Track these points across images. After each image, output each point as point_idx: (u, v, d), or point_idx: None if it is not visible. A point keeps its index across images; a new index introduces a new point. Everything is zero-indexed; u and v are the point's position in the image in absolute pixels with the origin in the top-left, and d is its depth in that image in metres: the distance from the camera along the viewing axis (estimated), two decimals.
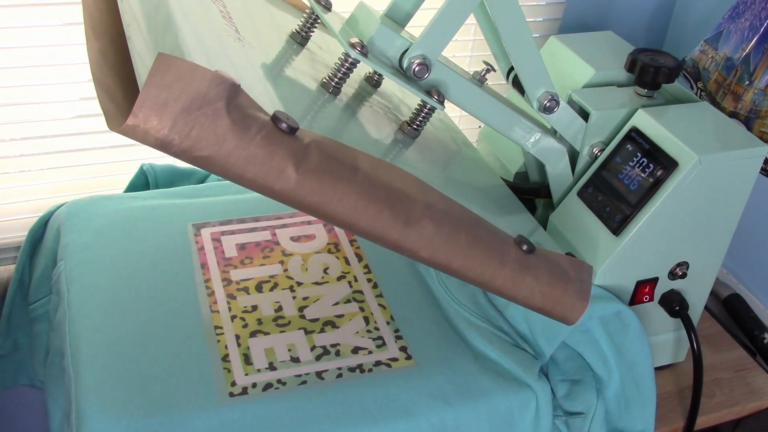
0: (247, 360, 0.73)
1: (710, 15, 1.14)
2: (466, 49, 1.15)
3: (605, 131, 0.82)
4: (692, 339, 0.82)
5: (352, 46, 0.65)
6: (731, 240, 0.82)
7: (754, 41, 0.98)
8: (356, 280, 0.84)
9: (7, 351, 0.90)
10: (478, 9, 0.78)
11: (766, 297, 1.08)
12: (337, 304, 0.81)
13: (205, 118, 0.50)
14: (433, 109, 0.74)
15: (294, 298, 0.81)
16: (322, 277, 0.84)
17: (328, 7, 0.74)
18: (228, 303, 0.79)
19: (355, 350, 0.76)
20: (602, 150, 0.82)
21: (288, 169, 0.54)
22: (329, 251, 0.88)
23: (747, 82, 0.98)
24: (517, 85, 0.78)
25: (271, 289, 0.81)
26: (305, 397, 0.70)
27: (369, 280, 0.85)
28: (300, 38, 0.76)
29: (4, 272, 0.99)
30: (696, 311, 0.86)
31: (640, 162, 0.77)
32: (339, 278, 0.84)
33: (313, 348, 0.75)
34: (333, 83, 0.70)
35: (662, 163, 0.75)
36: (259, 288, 0.81)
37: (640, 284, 0.80)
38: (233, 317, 0.77)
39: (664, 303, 0.83)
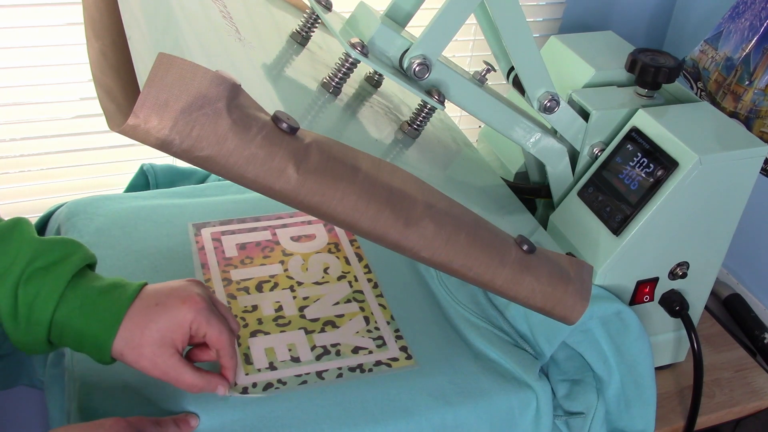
0: (247, 360, 0.73)
1: (710, 15, 1.14)
2: (466, 49, 1.15)
3: (605, 131, 0.82)
4: (692, 339, 0.82)
5: (353, 46, 0.65)
6: (731, 240, 0.82)
7: (754, 41, 0.98)
8: (356, 280, 0.84)
9: (7, 351, 0.90)
10: (478, 9, 0.78)
11: (766, 297, 1.08)
12: (337, 303, 0.81)
13: (205, 118, 0.50)
14: (433, 109, 0.74)
15: (294, 297, 0.81)
16: (323, 277, 0.84)
17: (328, 7, 0.74)
18: (228, 303, 0.79)
19: (356, 350, 0.76)
20: (602, 150, 0.82)
21: (289, 169, 0.54)
22: (329, 251, 0.88)
23: (747, 82, 0.98)
24: (518, 85, 0.78)
25: (272, 289, 0.81)
26: (305, 396, 0.70)
27: (369, 280, 0.84)
28: (300, 38, 0.76)
29: None
30: (696, 311, 0.86)
31: (641, 162, 0.77)
32: (339, 278, 0.84)
33: (313, 348, 0.75)
34: (333, 83, 0.70)
35: (662, 163, 0.75)
36: (259, 288, 0.81)
37: (641, 284, 0.80)
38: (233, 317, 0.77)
39: (665, 303, 0.83)
